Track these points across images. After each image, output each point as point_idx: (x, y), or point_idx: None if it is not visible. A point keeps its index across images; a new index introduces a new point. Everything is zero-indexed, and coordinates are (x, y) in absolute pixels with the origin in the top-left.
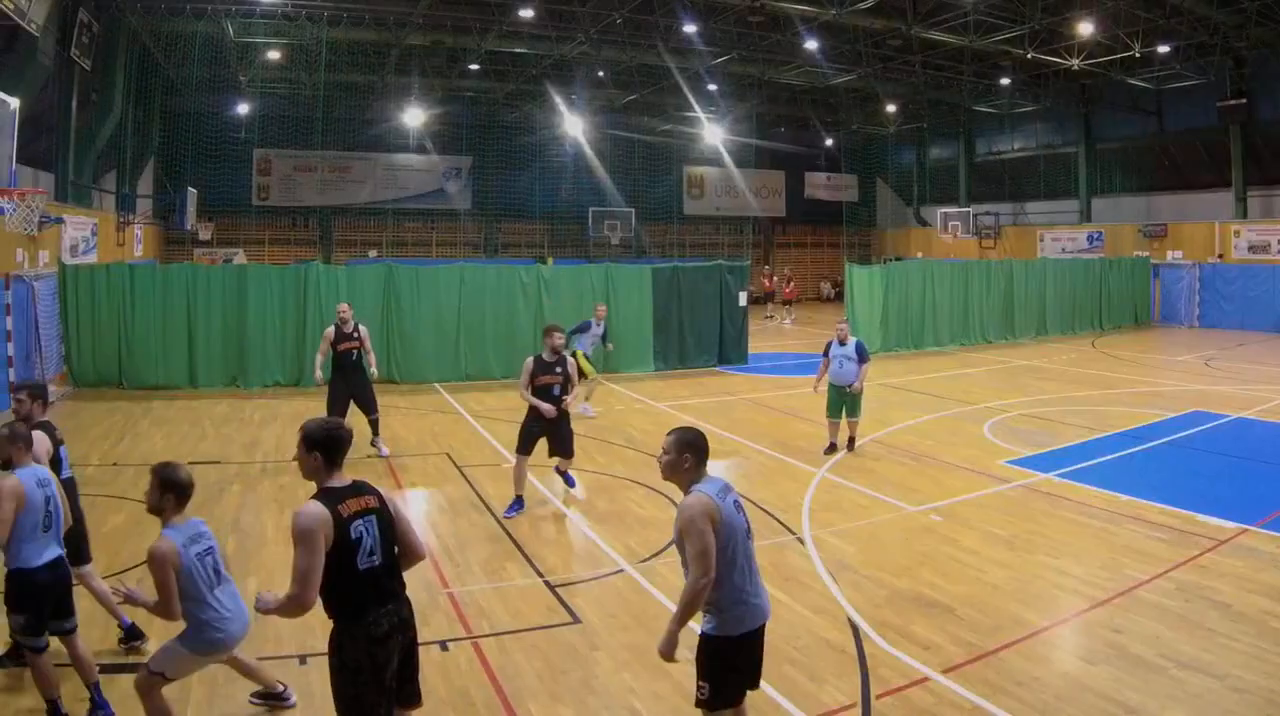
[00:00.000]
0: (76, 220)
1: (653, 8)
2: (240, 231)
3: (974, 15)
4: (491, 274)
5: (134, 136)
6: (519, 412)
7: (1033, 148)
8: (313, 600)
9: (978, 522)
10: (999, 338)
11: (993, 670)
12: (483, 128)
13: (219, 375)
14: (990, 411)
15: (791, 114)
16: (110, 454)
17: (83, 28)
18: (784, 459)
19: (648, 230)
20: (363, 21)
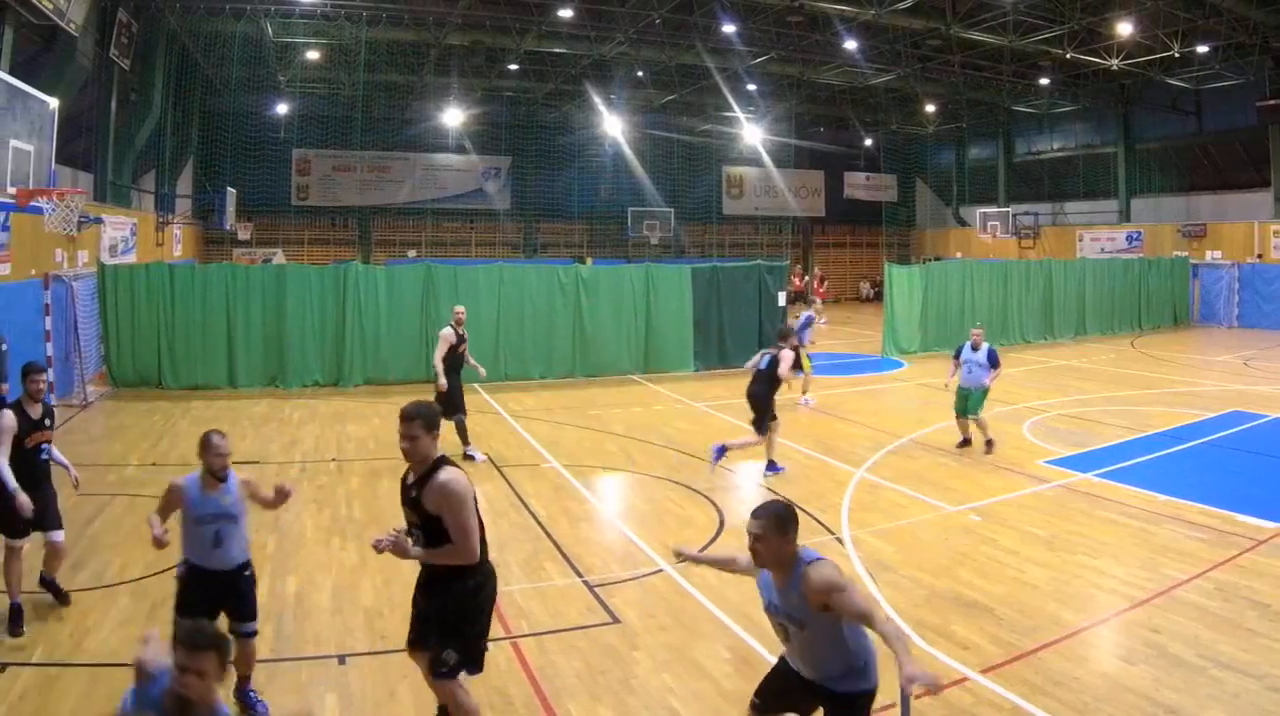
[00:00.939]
0: (115, 220)
1: (692, 8)
2: (279, 231)
3: (1013, 15)
4: (530, 274)
5: (173, 136)
6: (558, 413)
7: (1072, 148)
8: (476, 551)
9: (1017, 522)
10: (1038, 337)
11: (1031, 670)
12: (522, 127)
13: (258, 375)
14: (1029, 411)
15: (830, 114)
16: (150, 454)
17: (122, 28)
18: (823, 458)
19: (687, 230)
20: (402, 21)
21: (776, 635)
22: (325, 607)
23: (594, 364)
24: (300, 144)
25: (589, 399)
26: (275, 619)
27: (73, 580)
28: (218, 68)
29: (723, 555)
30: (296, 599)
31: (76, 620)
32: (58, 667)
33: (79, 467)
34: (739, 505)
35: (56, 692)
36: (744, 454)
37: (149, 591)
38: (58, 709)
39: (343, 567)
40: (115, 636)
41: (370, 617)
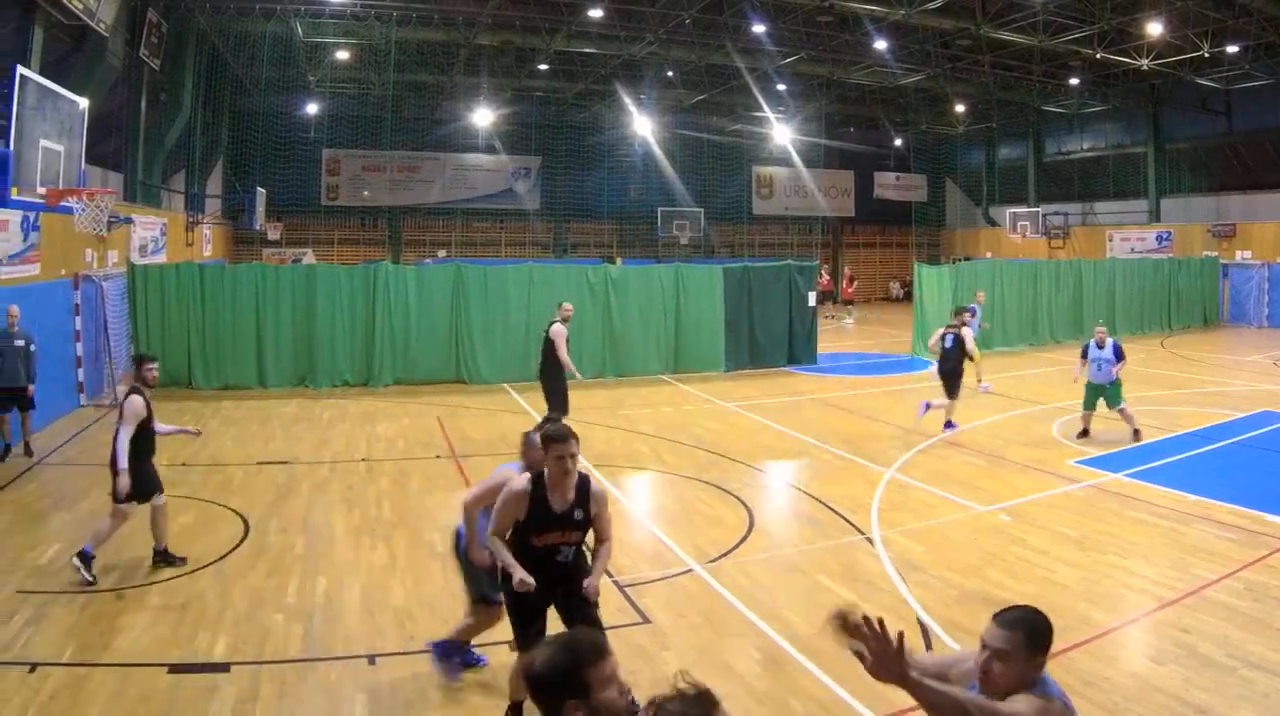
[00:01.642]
0: (145, 220)
1: (721, 8)
2: (309, 231)
3: (1043, 15)
4: (560, 274)
5: (203, 136)
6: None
7: (1102, 148)
8: None
9: (1046, 522)
10: (1068, 337)
11: (1061, 670)
12: (552, 127)
13: (288, 375)
14: (1059, 411)
15: (860, 114)
16: (179, 454)
17: (152, 28)
18: (853, 459)
19: (717, 230)
20: (431, 21)
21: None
22: (355, 608)
23: (624, 364)
24: (330, 144)
25: (618, 399)
26: (305, 619)
27: (103, 580)
28: (247, 67)
29: (937, 662)
30: (326, 599)
31: (107, 620)
32: (87, 667)
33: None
34: (768, 504)
35: (86, 692)
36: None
37: (179, 591)
38: (87, 709)
39: (373, 568)
40: (145, 636)
41: (400, 618)
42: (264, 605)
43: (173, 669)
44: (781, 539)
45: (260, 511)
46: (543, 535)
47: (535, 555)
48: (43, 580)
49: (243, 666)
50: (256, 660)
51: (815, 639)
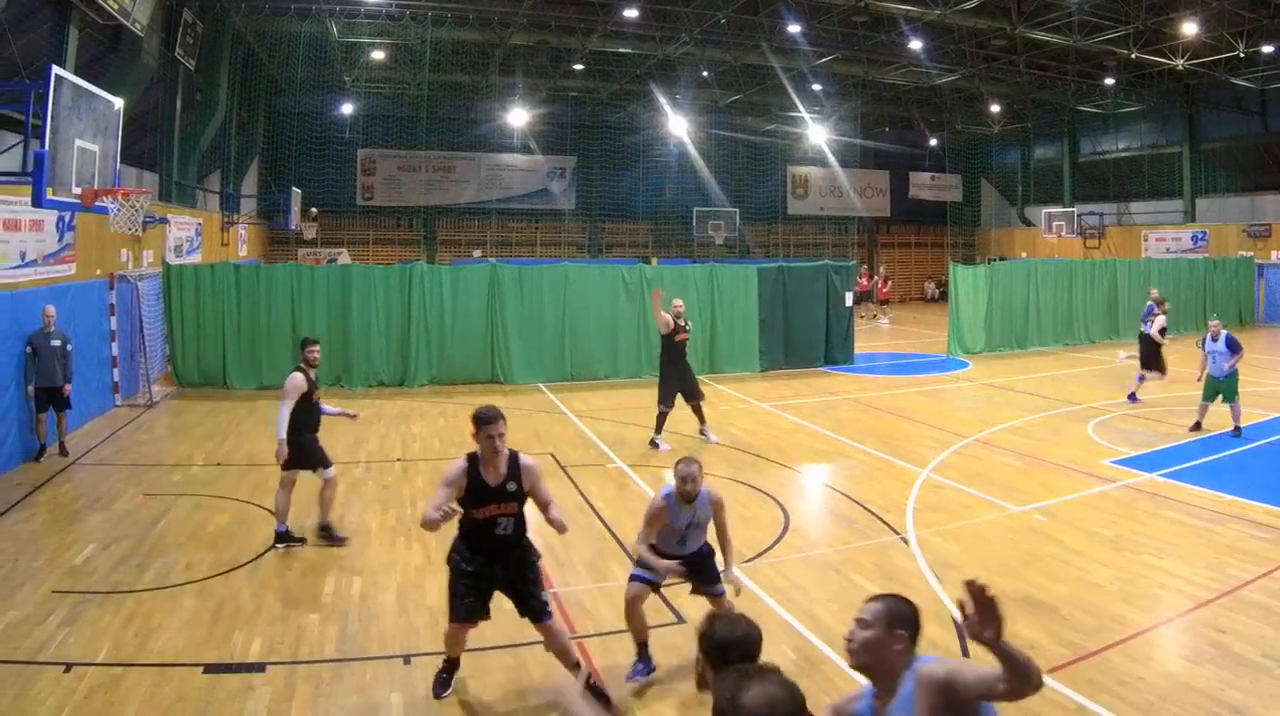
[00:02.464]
0: (181, 220)
1: (756, 8)
2: (344, 231)
3: (1078, 15)
4: (595, 274)
5: (238, 136)
6: (624, 413)
7: (1137, 148)
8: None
9: (1082, 522)
10: (1103, 337)
11: (1097, 670)
12: (587, 127)
13: (323, 375)
14: (1095, 411)
15: (895, 114)
16: (214, 454)
17: (187, 28)
18: (889, 459)
19: (751, 230)
20: (467, 21)
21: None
22: (390, 607)
23: (659, 363)
24: (365, 144)
25: (654, 398)
26: (341, 618)
27: (138, 580)
28: (283, 67)
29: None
30: (361, 599)
31: (142, 620)
32: (122, 667)
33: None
34: (804, 504)
35: (121, 692)
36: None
37: (214, 591)
38: (123, 709)
39: (408, 567)
40: (180, 636)
41: (435, 617)
42: (299, 605)
43: (208, 669)
44: (817, 539)
45: (296, 511)
46: (482, 508)
47: (477, 527)
48: (78, 580)
49: (278, 666)
50: (292, 660)
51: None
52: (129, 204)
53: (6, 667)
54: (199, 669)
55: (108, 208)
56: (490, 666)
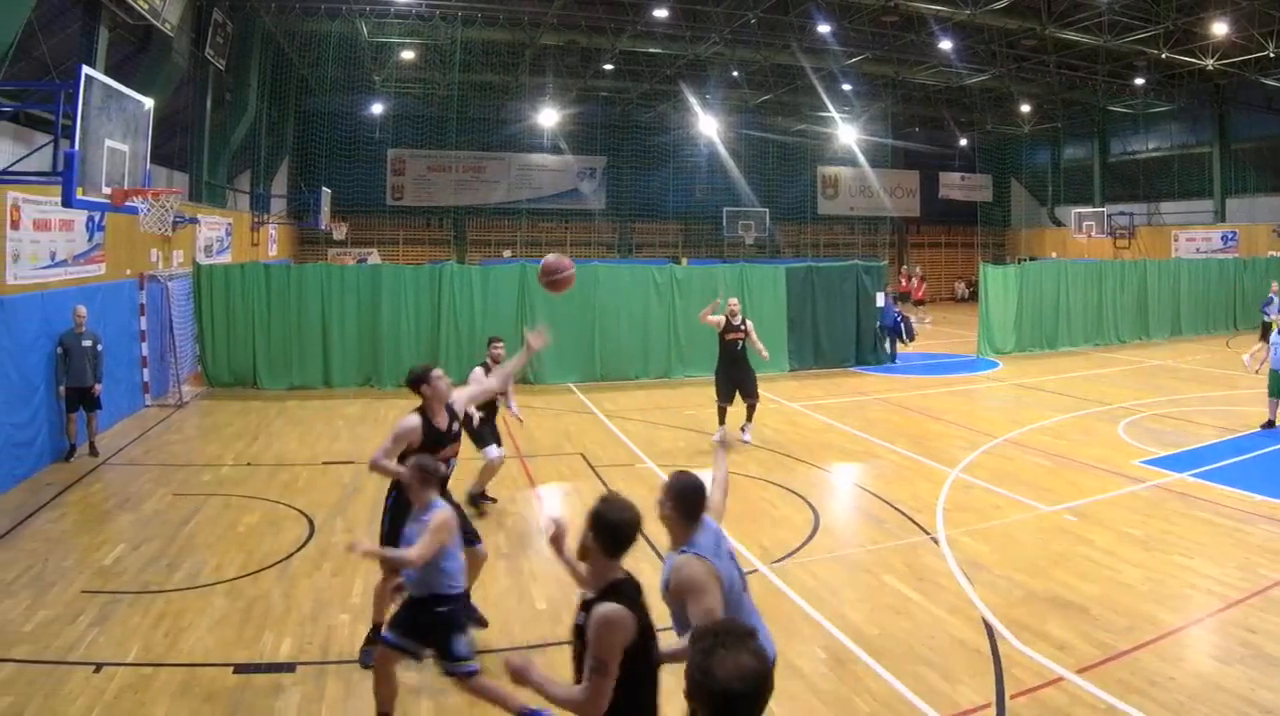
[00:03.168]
0: (210, 220)
1: (787, 8)
2: (374, 231)
3: (1108, 15)
4: (625, 274)
5: (268, 136)
6: (653, 414)
7: (1167, 148)
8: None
9: (1112, 522)
10: (1133, 337)
11: (1127, 670)
12: (617, 127)
13: (353, 375)
14: (1125, 411)
15: (926, 114)
16: (244, 454)
17: (217, 28)
18: (919, 459)
19: (781, 230)
20: (497, 21)
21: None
22: None
23: (689, 363)
24: (395, 144)
25: (684, 398)
26: (370, 618)
27: (168, 580)
28: (313, 68)
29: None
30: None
31: (171, 620)
32: (152, 667)
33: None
34: (833, 504)
35: (151, 692)
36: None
37: (244, 591)
38: (153, 709)
39: None
40: (210, 636)
41: None
42: (329, 605)
43: (238, 669)
44: (847, 539)
45: (325, 511)
46: (440, 451)
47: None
48: (108, 580)
49: (308, 666)
50: (322, 660)
51: (881, 639)
52: (159, 204)
53: (37, 667)
54: (229, 669)
55: (138, 208)
56: None
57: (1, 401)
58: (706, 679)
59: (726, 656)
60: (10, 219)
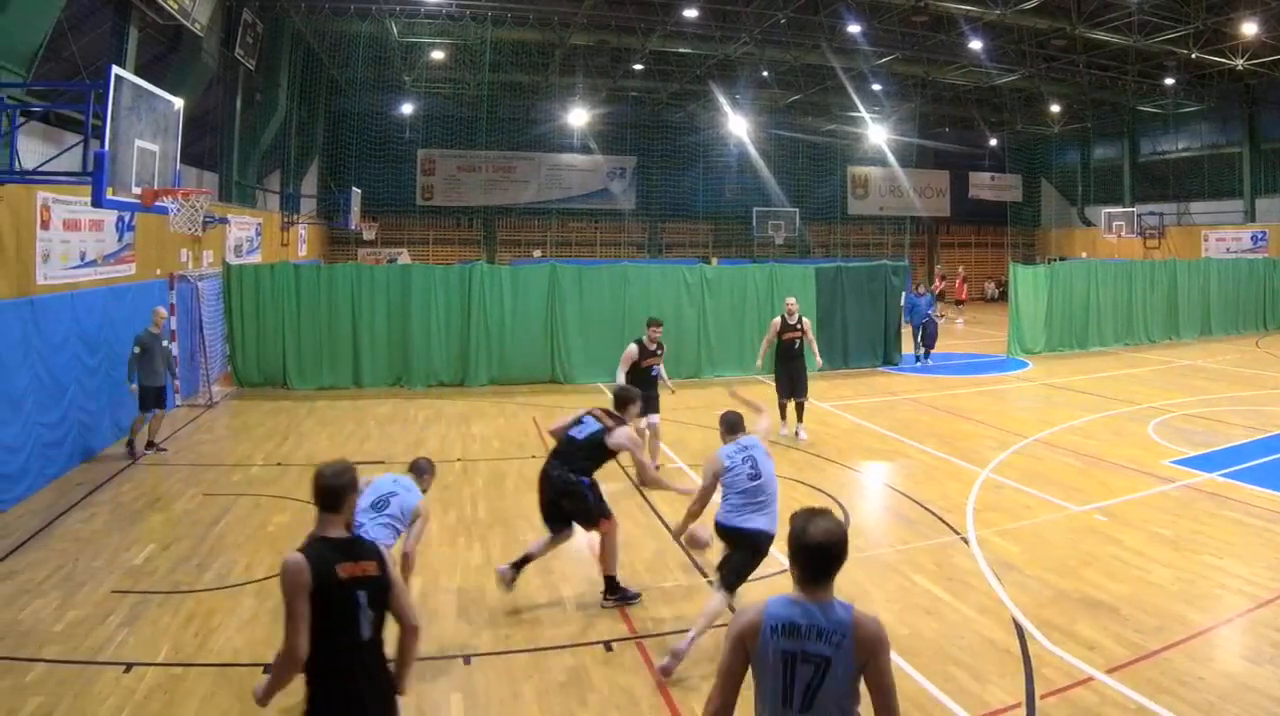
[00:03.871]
0: (240, 220)
1: (816, 8)
2: (404, 231)
3: (1138, 15)
4: (655, 274)
5: (298, 136)
6: (683, 413)
7: (1197, 148)
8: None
9: (1142, 522)
10: (1163, 337)
11: (1157, 670)
12: (647, 127)
13: (383, 375)
14: (1154, 411)
15: (955, 114)
16: (274, 454)
17: (247, 28)
18: (949, 459)
19: (812, 230)
20: (527, 21)
21: None
22: (450, 608)
23: (719, 363)
24: (425, 144)
25: (714, 399)
26: None
27: (198, 581)
28: (343, 68)
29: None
30: (422, 599)
31: (201, 620)
32: (182, 667)
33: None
34: (863, 504)
35: (181, 692)
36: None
37: (274, 591)
38: (182, 709)
39: (468, 568)
40: (240, 636)
41: (495, 617)
42: None
43: (268, 668)
44: (877, 538)
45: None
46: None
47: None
48: (138, 580)
49: None
50: None
51: (911, 638)
52: (189, 204)
53: (67, 667)
54: (259, 669)
55: (167, 208)
56: (550, 666)
57: (32, 402)
58: (804, 537)
59: (818, 523)
60: (40, 219)
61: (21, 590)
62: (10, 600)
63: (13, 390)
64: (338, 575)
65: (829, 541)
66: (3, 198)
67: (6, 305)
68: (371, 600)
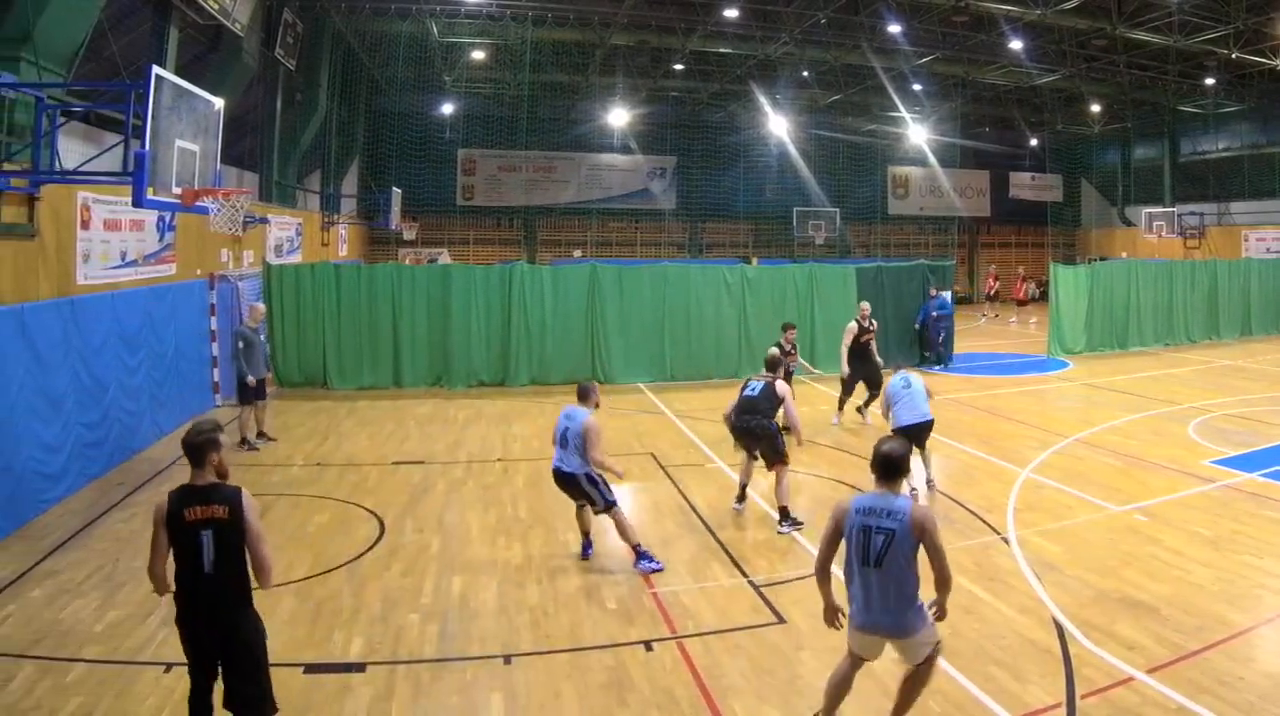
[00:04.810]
0: (281, 220)
1: (857, 8)
2: (445, 231)
3: (1178, 15)
4: (696, 274)
5: (338, 136)
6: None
7: (1237, 147)
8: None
9: (1182, 522)
10: (1203, 337)
11: (1197, 670)
12: (687, 127)
13: (423, 375)
14: (1195, 411)
15: (996, 114)
16: (314, 454)
17: (287, 28)
18: (989, 459)
19: (852, 230)
20: (567, 21)
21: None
22: (491, 607)
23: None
24: (465, 144)
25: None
26: (441, 618)
27: None
28: (383, 68)
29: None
30: (462, 599)
31: None
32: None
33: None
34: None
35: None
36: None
37: (313, 592)
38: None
39: (508, 567)
40: (280, 637)
41: (535, 617)
42: (399, 605)
43: (308, 669)
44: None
45: (396, 511)
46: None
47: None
48: None
49: (378, 666)
50: (392, 660)
51: (951, 639)
52: (229, 204)
53: (107, 667)
54: (299, 669)
55: (208, 208)
56: (591, 665)
57: (72, 401)
58: (879, 451)
59: (889, 443)
60: (81, 219)
61: (62, 590)
62: (50, 600)
63: (53, 390)
64: (185, 517)
65: (893, 455)
66: (43, 198)
67: (47, 305)
68: (217, 539)
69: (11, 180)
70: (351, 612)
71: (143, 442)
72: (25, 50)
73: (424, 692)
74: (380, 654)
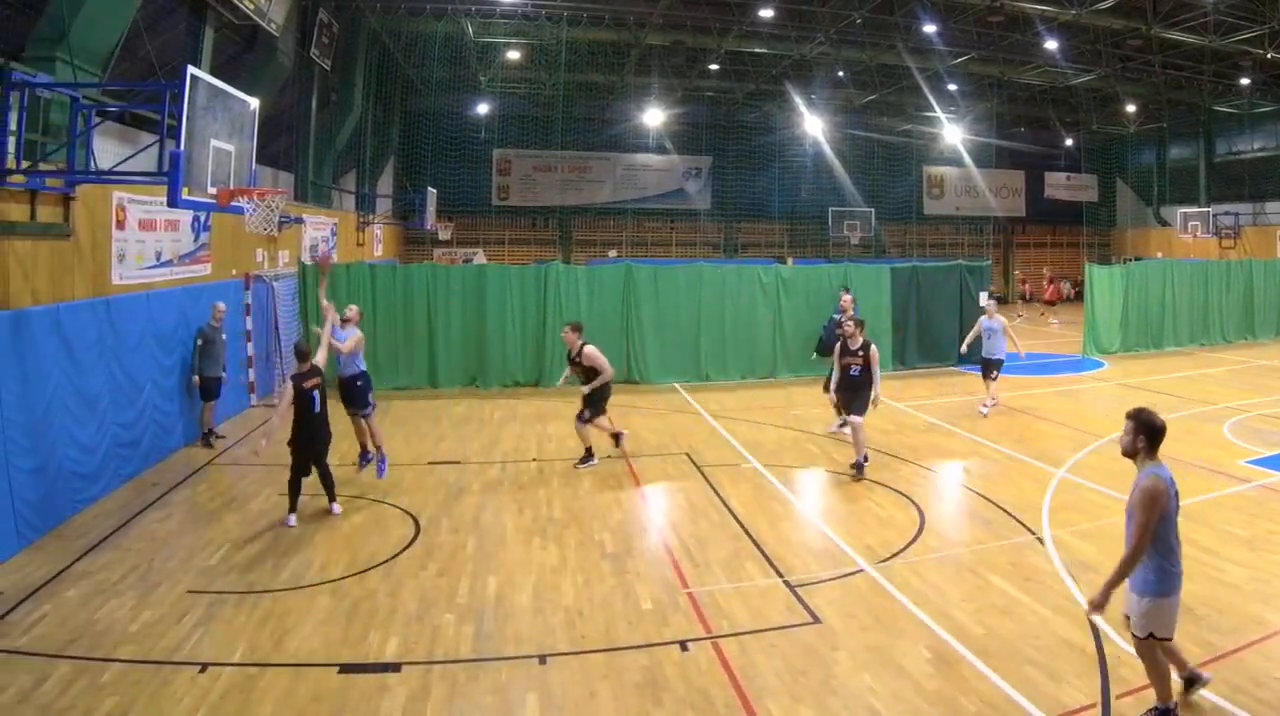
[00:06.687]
0: (316, 220)
1: (892, 8)
2: (480, 231)
3: (1213, 15)
4: (731, 274)
5: (373, 136)
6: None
7: (1273, 147)
8: None
9: (1217, 522)
10: (1239, 337)
11: (1232, 670)
12: (722, 127)
13: (458, 375)
14: (1230, 411)
15: (1031, 114)
16: (349, 454)
17: (322, 28)
18: (1024, 459)
19: (887, 230)
20: (602, 21)
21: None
22: (526, 607)
23: (794, 363)
24: (501, 144)
25: (789, 398)
26: (476, 618)
27: (273, 580)
28: (418, 68)
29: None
30: (497, 599)
31: (276, 620)
32: (258, 667)
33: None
34: (939, 504)
35: (257, 692)
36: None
37: (349, 591)
38: (258, 709)
39: (543, 567)
40: (315, 636)
41: (571, 617)
42: (435, 605)
43: (344, 668)
44: (952, 539)
45: (431, 511)
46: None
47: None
48: (213, 580)
49: (414, 666)
50: (428, 660)
51: (986, 638)
52: (264, 204)
53: (143, 667)
54: (334, 669)
55: (243, 208)
56: (626, 666)
57: (108, 401)
58: (1159, 422)
59: (1147, 410)
60: (116, 219)
61: (97, 590)
62: (86, 600)
63: (88, 390)
64: (304, 385)
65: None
66: (79, 198)
67: (82, 305)
68: (320, 395)
69: (47, 180)
70: (388, 612)
71: (177, 442)
72: (61, 50)
73: (459, 693)
74: (416, 654)
